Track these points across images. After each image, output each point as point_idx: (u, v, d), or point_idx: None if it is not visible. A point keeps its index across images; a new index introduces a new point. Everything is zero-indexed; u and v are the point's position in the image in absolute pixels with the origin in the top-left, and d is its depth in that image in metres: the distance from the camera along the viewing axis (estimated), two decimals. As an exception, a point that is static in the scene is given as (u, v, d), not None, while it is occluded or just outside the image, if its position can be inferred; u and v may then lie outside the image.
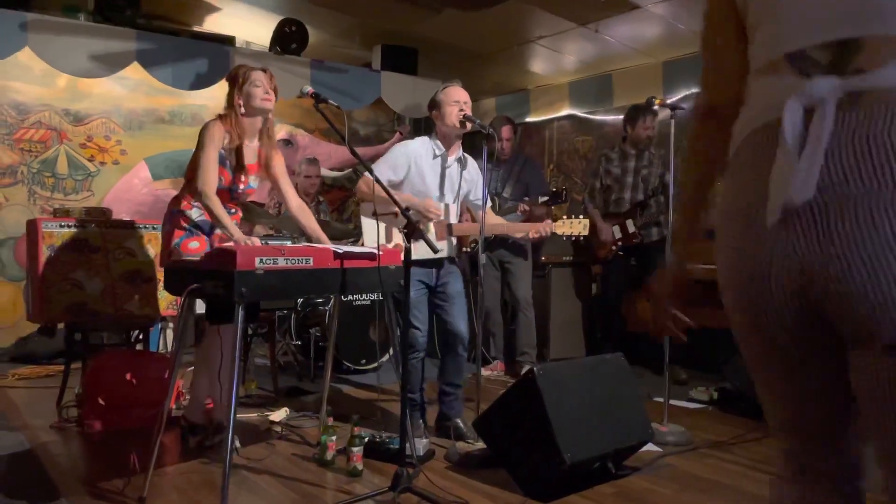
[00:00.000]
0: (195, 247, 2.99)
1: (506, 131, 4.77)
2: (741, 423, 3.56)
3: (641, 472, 2.83)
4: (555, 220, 3.19)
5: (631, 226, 4.61)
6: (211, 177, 2.87)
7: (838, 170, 0.92)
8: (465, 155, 3.37)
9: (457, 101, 3.19)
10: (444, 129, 3.24)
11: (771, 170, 0.97)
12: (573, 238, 3.13)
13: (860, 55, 0.94)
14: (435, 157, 3.26)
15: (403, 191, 3.20)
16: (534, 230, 3.17)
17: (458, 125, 3.18)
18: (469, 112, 3.20)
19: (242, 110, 2.96)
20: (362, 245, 3.10)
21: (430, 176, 3.24)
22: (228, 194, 3.01)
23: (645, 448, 2.97)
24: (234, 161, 2.97)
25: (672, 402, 3.52)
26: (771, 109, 0.99)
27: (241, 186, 3.07)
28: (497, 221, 3.48)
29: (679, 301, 1.32)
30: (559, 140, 6.82)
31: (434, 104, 3.26)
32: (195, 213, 3.02)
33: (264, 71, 3.00)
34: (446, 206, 3.27)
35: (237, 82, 2.97)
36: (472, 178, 3.40)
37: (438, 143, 3.27)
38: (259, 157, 3.08)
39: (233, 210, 3.09)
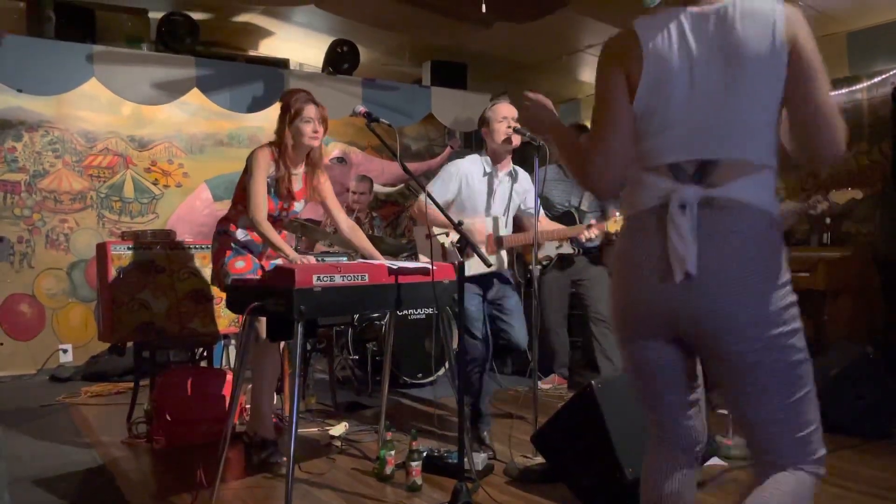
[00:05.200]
0: (241, 266, 3.07)
1: None
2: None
3: (706, 487, 2.75)
4: None
5: None
6: (261, 204, 2.96)
7: (703, 251, 1.38)
8: (517, 168, 3.38)
9: (504, 117, 3.20)
10: (493, 146, 3.27)
11: (656, 241, 1.43)
12: None
13: (714, 172, 1.41)
14: (485, 174, 3.28)
15: (455, 209, 3.22)
16: (593, 231, 3.16)
17: (505, 142, 3.20)
18: (517, 126, 3.20)
19: (291, 142, 3.03)
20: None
21: (480, 193, 3.27)
22: (273, 220, 3.07)
23: (710, 462, 2.89)
24: (281, 189, 3.05)
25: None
26: (658, 199, 1.45)
27: (287, 213, 3.15)
28: (552, 227, 3.42)
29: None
30: (612, 148, 6.73)
31: (483, 121, 3.29)
32: (240, 234, 3.13)
33: (316, 104, 3.04)
34: (495, 218, 3.28)
35: (288, 114, 3.02)
36: (523, 188, 3.40)
37: (488, 159, 3.30)
38: (305, 183, 3.15)
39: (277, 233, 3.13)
